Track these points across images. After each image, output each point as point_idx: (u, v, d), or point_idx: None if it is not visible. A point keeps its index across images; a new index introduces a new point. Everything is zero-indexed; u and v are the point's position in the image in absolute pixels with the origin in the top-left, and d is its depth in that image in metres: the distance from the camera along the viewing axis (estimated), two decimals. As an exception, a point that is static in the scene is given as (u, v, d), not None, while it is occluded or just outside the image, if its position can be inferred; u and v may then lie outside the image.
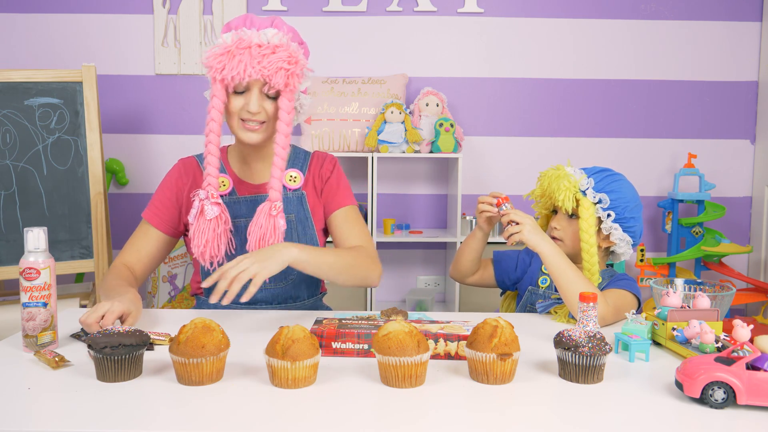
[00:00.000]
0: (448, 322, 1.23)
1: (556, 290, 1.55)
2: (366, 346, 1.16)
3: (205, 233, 1.42)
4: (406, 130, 2.74)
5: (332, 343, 1.17)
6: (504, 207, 1.48)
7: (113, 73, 3.01)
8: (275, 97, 1.43)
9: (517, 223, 1.44)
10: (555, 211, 1.58)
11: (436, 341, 1.15)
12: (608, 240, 1.53)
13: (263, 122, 1.44)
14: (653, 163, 3.08)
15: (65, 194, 2.37)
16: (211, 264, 1.45)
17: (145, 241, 1.55)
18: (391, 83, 2.89)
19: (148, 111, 3.03)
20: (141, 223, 1.57)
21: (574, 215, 1.52)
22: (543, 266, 1.58)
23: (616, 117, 3.06)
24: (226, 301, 1.23)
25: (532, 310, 1.55)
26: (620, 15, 3.01)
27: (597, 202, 1.50)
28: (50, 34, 2.98)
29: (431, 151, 2.79)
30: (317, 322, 1.24)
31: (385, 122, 2.75)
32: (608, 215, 1.50)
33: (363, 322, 1.24)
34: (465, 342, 1.08)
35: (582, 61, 3.03)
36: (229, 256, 1.46)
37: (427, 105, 2.85)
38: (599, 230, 1.52)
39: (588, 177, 1.52)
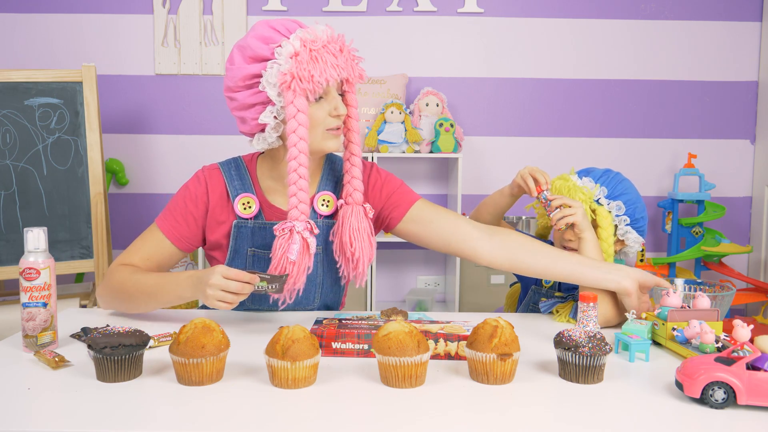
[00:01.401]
0: (448, 322, 1.23)
1: (559, 289, 1.55)
2: (366, 346, 1.16)
3: (310, 269, 1.29)
4: (406, 130, 2.74)
5: (332, 343, 1.17)
6: (545, 194, 1.46)
7: (113, 73, 3.01)
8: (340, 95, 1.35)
9: (570, 206, 1.42)
10: None
11: (436, 341, 1.15)
12: (622, 243, 1.55)
13: (341, 124, 1.34)
14: (653, 163, 3.08)
15: (65, 194, 2.37)
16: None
17: (158, 249, 1.39)
18: (391, 83, 2.89)
19: (148, 111, 3.03)
20: (153, 228, 1.40)
21: None
22: None
23: (616, 117, 3.06)
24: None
25: (535, 309, 1.55)
26: (620, 15, 3.01)
27: (611, 211, 1.50)
28: (50, 34, 2.98)
29: (431, 151, 2.79)
30: (317, 322, 1.24)
31: (385, 122, 2.75)
32: (623, 220, 1.51)
33: (363, 322, 1.24)
34: (465, 342, 1.08)
35: (582, 61, 3.03)
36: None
37: (427, 105, 2.85)
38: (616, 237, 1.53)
39: (600, 185, 1.52)
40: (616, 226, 1.52)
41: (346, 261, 1.37)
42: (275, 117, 1.28)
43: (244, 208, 1.37)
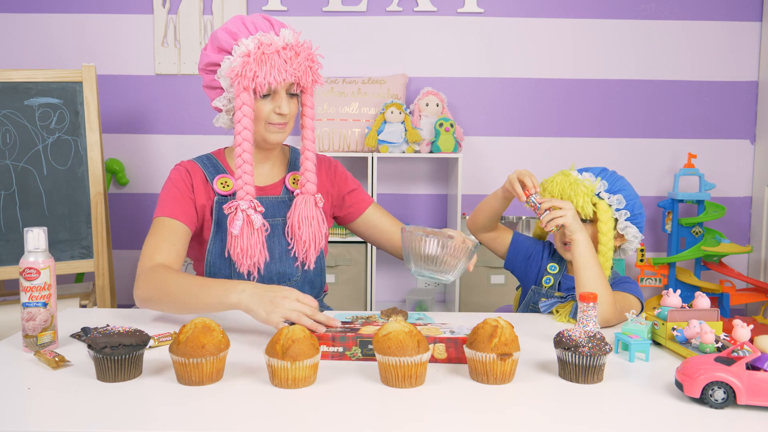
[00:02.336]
0: (425, 325, 1.22)
1: (558, 289, 1.55)
2: (341, 349, 1.15)
3: (257, 244, 1.42)
4: (406, 130, 2.74)
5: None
6: (534, 198, 1.45)
7: (113, 73, 3.01)
8: (294, 95, 1.47)
9: (560, 208, 1.42)
10: None
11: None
12: (621, 238, 1.55)
13: (287, 121, 1.47)
14: (653, 163, 3.08)
15: (65, 194, 2.37)
16: (258, 272, 1.46)
17: (176, 235, 1.44)
18: (391, 83, 2.89)
19: (148, 111, 3.03)
20: (159, 222, 1.45)
21: (587, 220, 1.51)
22: (549, 266, 1.58)
23: (616, 117, 3.06)
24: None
25: (535, 309, 1.55)
26: (620, 15, 3.01)
27: (612, 204, 1.51)
28: (50, 34, 2.98)
29: (431, 151, 2.79)
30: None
31: (385, 122, 2.75)
32: (623, 214, 1.51)
33: (346, 324, 1.22)
34: (442, 344, 1.08)
35: (582, 61, 3.03)
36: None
37: (427, 105, 2.84)
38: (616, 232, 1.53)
39: (602, 179, 1.52)
40: (616, 220, 1.52)
41: (296, 243, 1.51)
42: (228, 102, 1.44)
43: (223, 187, 1.50)
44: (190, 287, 1.30)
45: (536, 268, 1.62)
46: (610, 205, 1.50)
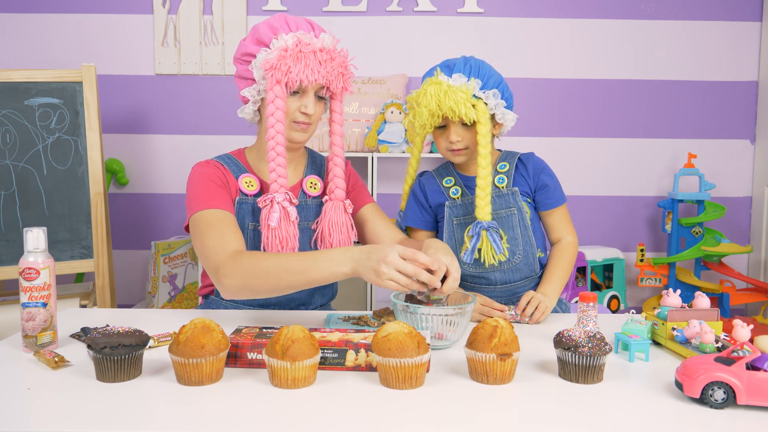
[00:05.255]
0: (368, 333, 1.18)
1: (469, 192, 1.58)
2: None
3: (295, 235, 1.41)
4: (406, 130, 2.74)
5: (248, 354, 1.11)
6: (509, 314, 1.43)
7: (113, 73, 3.01)
8: (321, 98, 1.47)
9: (536, 308, 1.42)
10: (442, 126, 1.54)
11: (357, 351, 1.10)
12: (499, 125, 1.56)
13: (311, 122, 1.46)
14: (653, 163, 3.08)
15: (65, 194, 2.37)
16: None
17: (232, 223, 1.39)
18: (391, 83, 2.89)
19: (148, 111, 3.03)
20: (205, 216, 1.38)
21: (468, 124, 1.50)
22: (445, 180, 1.63)
23: (616, 117, 3.06)
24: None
25: (461, 224, 1.57)
26: (620, 15, 3.01)
27: (488, 102, 1.48)
28: (50, 34, 2.98)
29: (431, 151, 2.79)
30: (236, 331, 1.19)
31: (385, 122, 2.75)
32: (501, 104, 1.50)
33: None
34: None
35: (582, 61, 3.03)
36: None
37: (427, 105, 2.84)
38: (494, 122, 1.53)
39: (475, 78, 1.48)
40: (494, 115, 1.51)
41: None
42: (257, 93, 1.43)
43: (248, 186, 1.48)
44: (291, 265, 1.26)
45: (441, 195, 1.64)
46: (487, 104, 1.47)
